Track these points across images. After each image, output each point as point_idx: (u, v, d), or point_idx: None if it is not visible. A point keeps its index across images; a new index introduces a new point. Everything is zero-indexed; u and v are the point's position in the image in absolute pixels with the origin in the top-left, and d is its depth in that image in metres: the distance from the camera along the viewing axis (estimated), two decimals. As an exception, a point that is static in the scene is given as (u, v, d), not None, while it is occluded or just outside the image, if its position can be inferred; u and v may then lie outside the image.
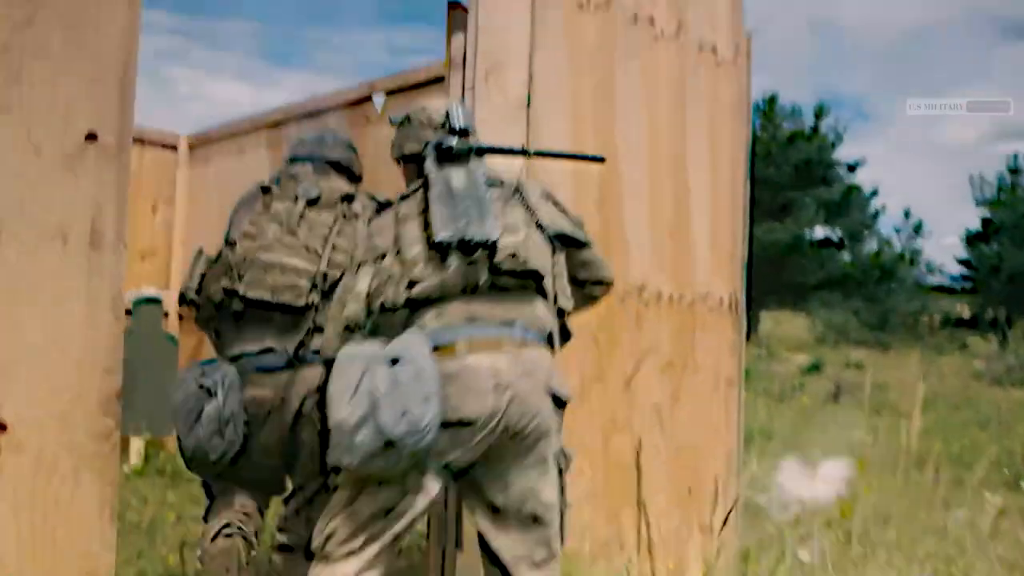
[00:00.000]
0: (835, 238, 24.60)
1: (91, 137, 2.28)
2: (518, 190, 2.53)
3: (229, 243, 2.99)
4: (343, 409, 2.21)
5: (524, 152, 2.69)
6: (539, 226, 2.50)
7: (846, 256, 24.30)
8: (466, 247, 2.36)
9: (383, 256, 2.48)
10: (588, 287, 2.71)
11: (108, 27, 2.31)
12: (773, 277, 21.20)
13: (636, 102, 3.64)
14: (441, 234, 2.35)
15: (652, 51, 3.70)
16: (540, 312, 2.45)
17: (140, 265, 6.64)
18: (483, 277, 2.38)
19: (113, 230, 2.32)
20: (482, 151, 2.59)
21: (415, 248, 2.43)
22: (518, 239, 2.41)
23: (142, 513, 4.57)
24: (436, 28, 3.38)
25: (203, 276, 2.99)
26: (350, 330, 2.47)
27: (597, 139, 3.50)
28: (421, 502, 2.32)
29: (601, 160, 2.79)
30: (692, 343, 3.85)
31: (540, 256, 2.45)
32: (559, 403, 2.42)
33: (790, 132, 23.55)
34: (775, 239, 21.61)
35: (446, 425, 2.26)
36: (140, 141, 6.70)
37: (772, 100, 23.99)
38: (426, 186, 2.47)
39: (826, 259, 23.30)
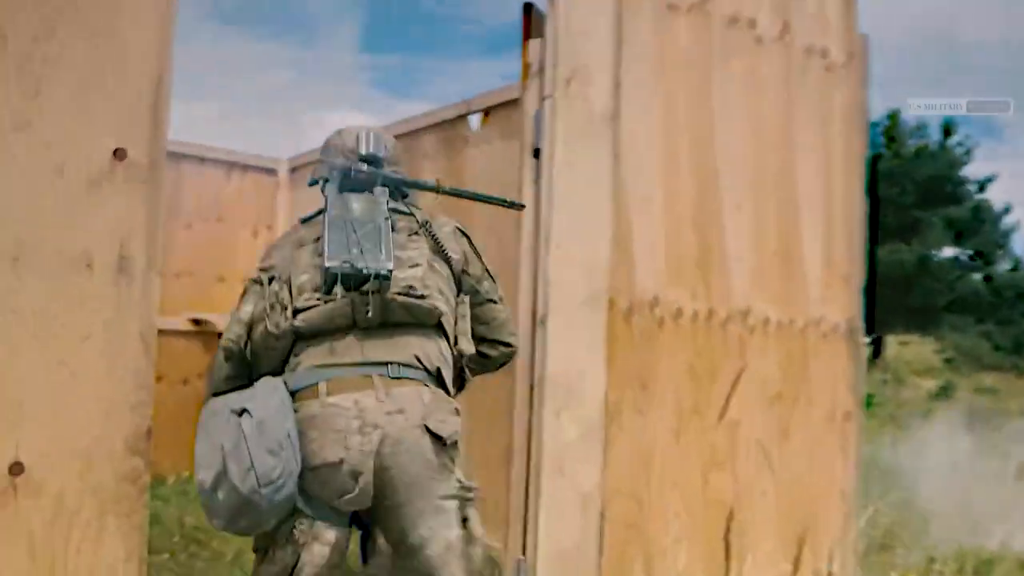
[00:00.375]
0: (965, 258, 23.20)
1: (119, 154, 2.05)
2: (427, 223, 2.33)
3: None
4: (201, 469, 2.04)
5: (436, 188, 2.36)
6: (447, 261, 2.32)
7: (977, 276, 22.87)
8: (354, 278, 2.14)
9: (272, 280, 2.27)
10: (486, 346, 2.44)
11: (138, 36, 2.08)
12: (899, 300, 20.11)
13: (736, 110, 3.24)
14: (330, 262, 2.14)
15: (754, 55, 3.30)
16: (432, 350, 2.23)
17: (238, 290, 6.54)
18: (373, 310, 2.16)
19: (144, 255, 2.08)
20: (389, 181, 2.34)
21: (305, 275, 2.22)
22: (417, 273, 2.22)
23: (229, 542, 4.36)
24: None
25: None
26: (229, 356, 2.25)
27: (693, 151, 3.12)
28: (319, 551, 2.10)
29: (520, 207, 2.48)
30: (804, 373, 3.41)
31: (441, 293, 2.26)
32: (443, 441, 2.13)
33: (915, 148, 22.35)
34: (901, 260, 20.51)
35: (314, 469, 2.08)
36: (240, 166, 6.64)
37: (894, 116, 22.87)
38: (325, 211, 2.26)
39: (955, 280, 21.95)
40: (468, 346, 2.30)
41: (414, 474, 2.09)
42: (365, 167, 2.34)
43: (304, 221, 2.38)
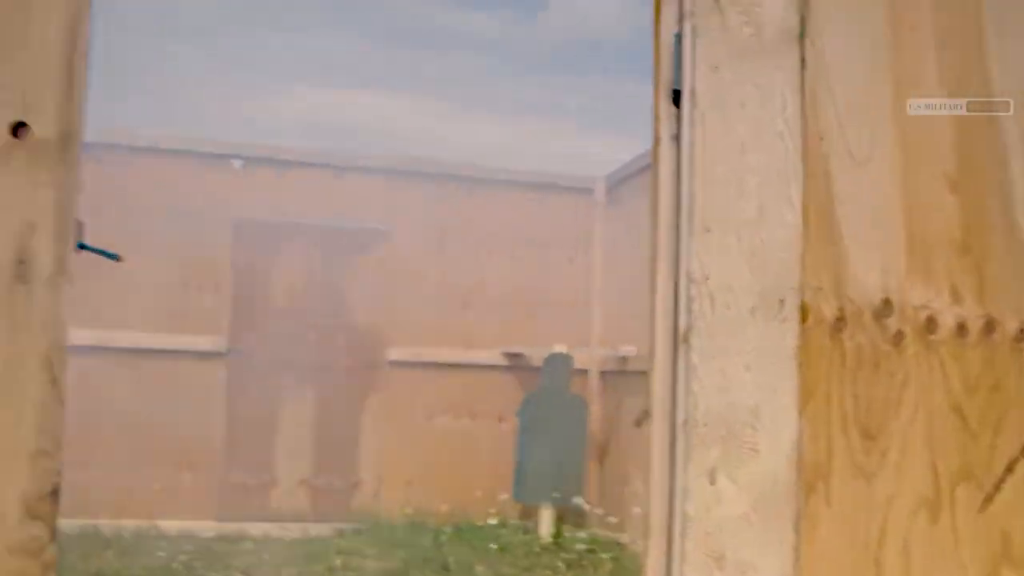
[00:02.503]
0: None
1: (20, 131, 1.53)
2: None
3: None
4: None
5: None
6: None
7: None
8: None
9: None
10: None
11: (46, -21, 1.55)
12: None
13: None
14: None
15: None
16: None
17: (554, 320, 5.99)
18: None
19: (51, 257, 1.53)
20: None
21: None
22: None
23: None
24: None
25: None
26: None
27: (951, 71, 1.95)
28: None
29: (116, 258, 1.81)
30: None
31: None
32: None
33: None
34: None
35: None
36: (552, 186, 6.14)
37: None
38: None
39: None
40: None
41: None
42: None
43: None
